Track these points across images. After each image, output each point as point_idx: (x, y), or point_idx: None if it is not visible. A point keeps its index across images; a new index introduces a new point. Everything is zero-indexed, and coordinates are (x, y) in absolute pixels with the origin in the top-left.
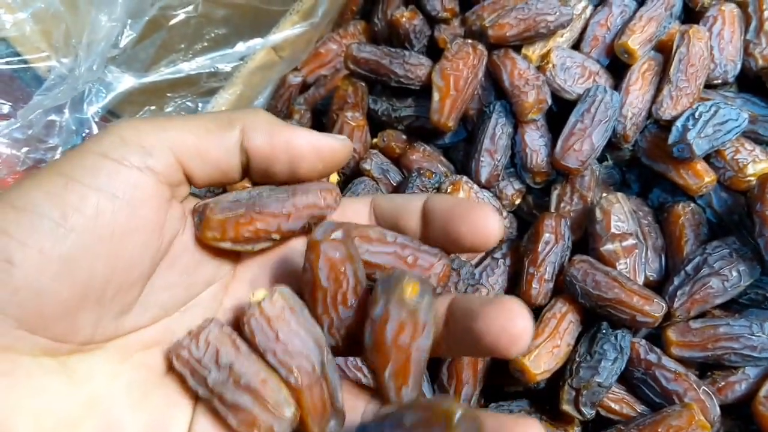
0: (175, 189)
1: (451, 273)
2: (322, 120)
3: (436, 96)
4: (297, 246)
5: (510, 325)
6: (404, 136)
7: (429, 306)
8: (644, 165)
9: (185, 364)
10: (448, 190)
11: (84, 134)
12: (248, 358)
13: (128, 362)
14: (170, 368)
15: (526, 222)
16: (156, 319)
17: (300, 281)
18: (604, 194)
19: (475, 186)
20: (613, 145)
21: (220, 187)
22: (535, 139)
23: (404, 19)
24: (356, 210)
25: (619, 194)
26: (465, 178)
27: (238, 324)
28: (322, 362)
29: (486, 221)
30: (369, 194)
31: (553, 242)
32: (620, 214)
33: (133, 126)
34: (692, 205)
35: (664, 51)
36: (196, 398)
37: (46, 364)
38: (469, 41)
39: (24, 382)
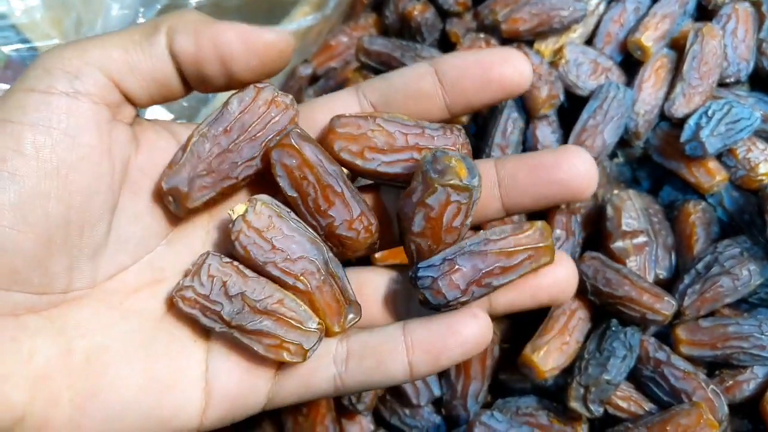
0: (115, 110)
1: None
2: None
3: None
4: None
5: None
6: None
7: (479, 183)
8: (655, 162)
9: (193, 304)
10: None
11: None
12: (257, 281)
13: (119, 310)
14: (169, 311)
15: (535, 218)
16: (137, 256)
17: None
18: (616, 191)
19: None
20: (624, 142)
21: (165, 103)
22: (546, 135)
23: (416, 12)
24: (345, 105)
25: (631, 191)
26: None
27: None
28: (325, 261)
29: (516, 63)
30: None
31: (564, 238)
32: (632, 212)
33: (56, 54)
34: (703, 203)
35: (677, 48)
36: (206, 337)
37: (32, 323)
38: (482, 35)
39: (10, 347)
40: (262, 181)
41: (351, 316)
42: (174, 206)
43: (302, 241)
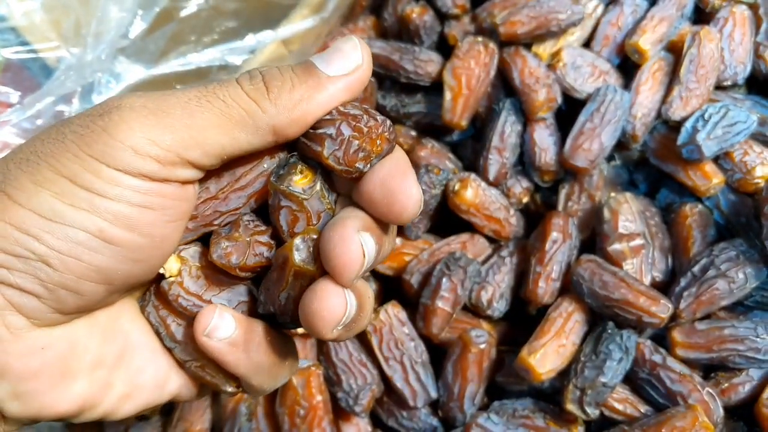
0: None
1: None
2: None
3: (448, 95)
4: None
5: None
6: (413, 132)
7: (319, 194)
8: (652, 165)
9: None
10: (456, 188)
11: None
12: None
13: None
14: None
15: (533, 220)
16: None
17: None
18: (613, 194)
19: (483, 183)
20: (621, 144)
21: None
22: (544, 138)
23: (414, 15)
24: None
25: (628, 194)
26: (473, 175)
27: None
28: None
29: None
30: None
31: (560, 241)
32: (628, 214)
33: (142, 133)
34: (700, 206)
35: (674, 51)
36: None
37: (79, 324)
38: (480, 39)
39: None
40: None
41: None
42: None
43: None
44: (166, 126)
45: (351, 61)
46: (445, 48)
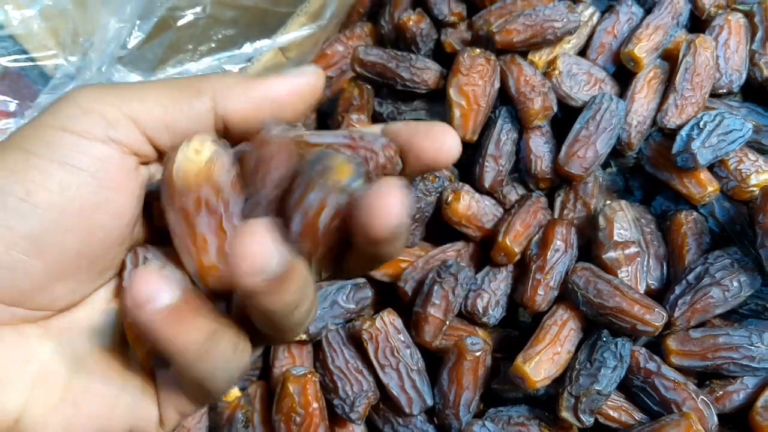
0: (142, 159)
1: (395, 153)
2: (326, 122)
3: (456, 113)
4: None
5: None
6: None
7: (362, 189)
8: (648, 173)
9: None
10: (449, 199)
11: None
12: None
13: (109, 312)
14: None
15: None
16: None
17: None
18: (608, 201)
19: (477, 194)
20: (617, 152)
21: None
22: (539, 146)
23: (411, 23)
24: None
25: (623, 202)
26: (467, 186)
27: None
28: None
29: (445, 137)
30: None
31: (563, 250)
32: (624, 222)
33: (94, 96)
34: (695, 214)
35: (670, 59)
36: None
37: (28, 330)
38: (479, 52)
39: (8, 353)
40: None
41: None
42: None
43: None
44: (112, 88)
45: (302, 71)
46: (442, 56)
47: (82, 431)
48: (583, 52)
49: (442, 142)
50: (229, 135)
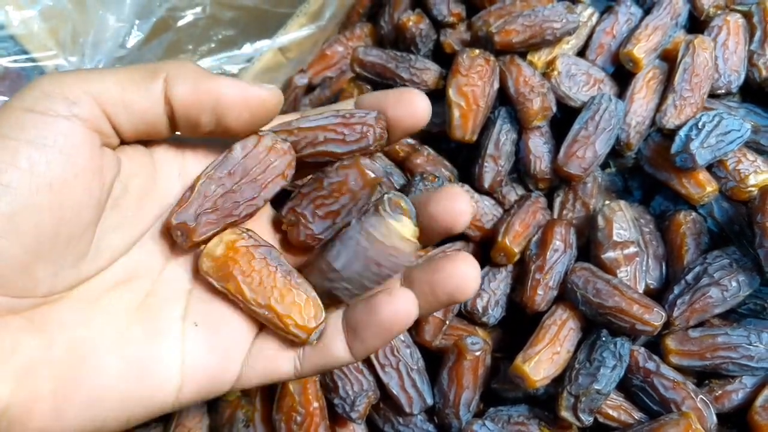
0: (104, 139)
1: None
2: None
3: (456, 113)
4: None
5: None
6: (409, 139)
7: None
8: (647, 173)
9: None
10: None
11: None
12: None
13: (96, 306)
14: (144, 300)
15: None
16: (113, 259)
17: None
18: (607, 202)
19: (476, 195)
20: (616, 152)
21: (149, 140)
22: (538, 146)
23: (410, 23)
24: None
25: (622, 202)
26: (466, 186)
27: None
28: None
29: (416, 99)
30: None
31: (562, 250)
32: (623, 222)
33: (55, 79)
34: (694, 214)
35: (668, 60)
36: (182, 321)
37: (13, 322)
38: (479, 53)
39: None
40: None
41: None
42: (181, 239)
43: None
44: (74, 72)
45: (260, 84)
46: (442, 56)
47: (74, 419)
48: (582, 53)
49: (415, 107)
50: (176, 121)
